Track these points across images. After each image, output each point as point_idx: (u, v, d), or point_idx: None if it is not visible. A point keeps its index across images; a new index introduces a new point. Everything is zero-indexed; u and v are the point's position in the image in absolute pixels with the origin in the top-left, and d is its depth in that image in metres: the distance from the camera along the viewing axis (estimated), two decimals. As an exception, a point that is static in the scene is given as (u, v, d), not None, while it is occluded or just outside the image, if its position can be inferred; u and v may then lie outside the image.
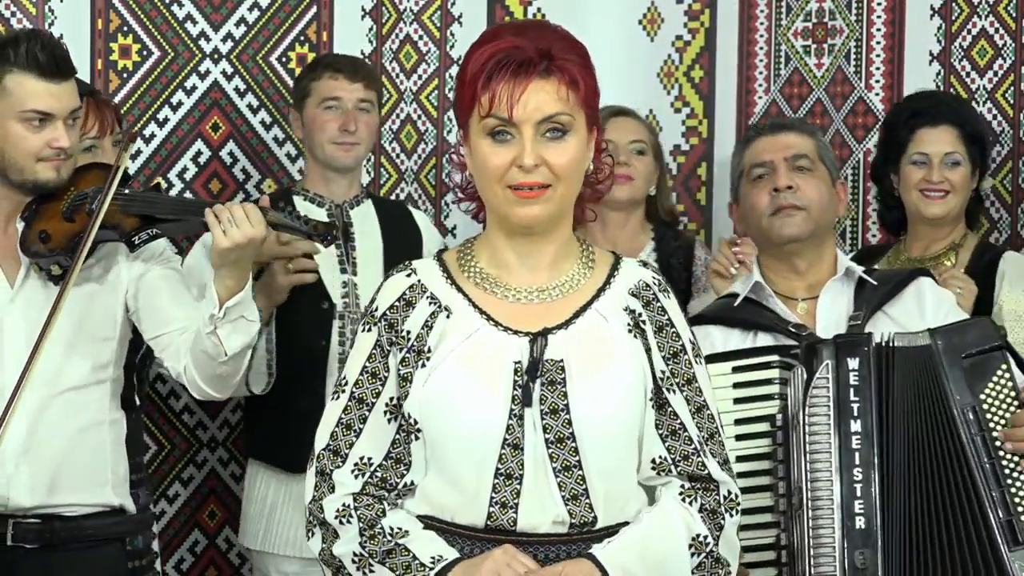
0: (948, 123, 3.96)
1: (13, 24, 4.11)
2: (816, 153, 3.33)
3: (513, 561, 2.41)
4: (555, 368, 2.46)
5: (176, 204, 3.35)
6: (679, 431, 2.50)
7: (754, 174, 3.32)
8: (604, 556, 2.42)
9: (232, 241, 3.08)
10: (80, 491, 3.23)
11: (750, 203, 3.32)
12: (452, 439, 2.46)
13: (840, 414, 2.97)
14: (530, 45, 2.44)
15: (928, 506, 2.95)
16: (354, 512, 2.51)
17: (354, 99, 4.00)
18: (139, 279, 3.27)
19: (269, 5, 4.33)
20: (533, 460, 2.44)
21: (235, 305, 3.11)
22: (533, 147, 2.43)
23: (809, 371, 2.99)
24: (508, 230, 2.51)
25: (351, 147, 4.00)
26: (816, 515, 2.94)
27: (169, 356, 3.25)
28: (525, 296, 2.52)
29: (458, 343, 2.48)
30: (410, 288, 2.54)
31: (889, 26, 4.50)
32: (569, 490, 2.45)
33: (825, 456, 2.96)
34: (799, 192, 3.26)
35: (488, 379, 2.46)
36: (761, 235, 3.31)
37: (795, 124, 3.44)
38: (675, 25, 4.64)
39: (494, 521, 2.44)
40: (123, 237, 3.20)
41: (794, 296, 3.28)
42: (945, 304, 3.27)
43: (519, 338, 2.48)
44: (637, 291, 2.54)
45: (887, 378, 3.00)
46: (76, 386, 3.21)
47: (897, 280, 3.28)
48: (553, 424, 2.44)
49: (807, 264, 3.29)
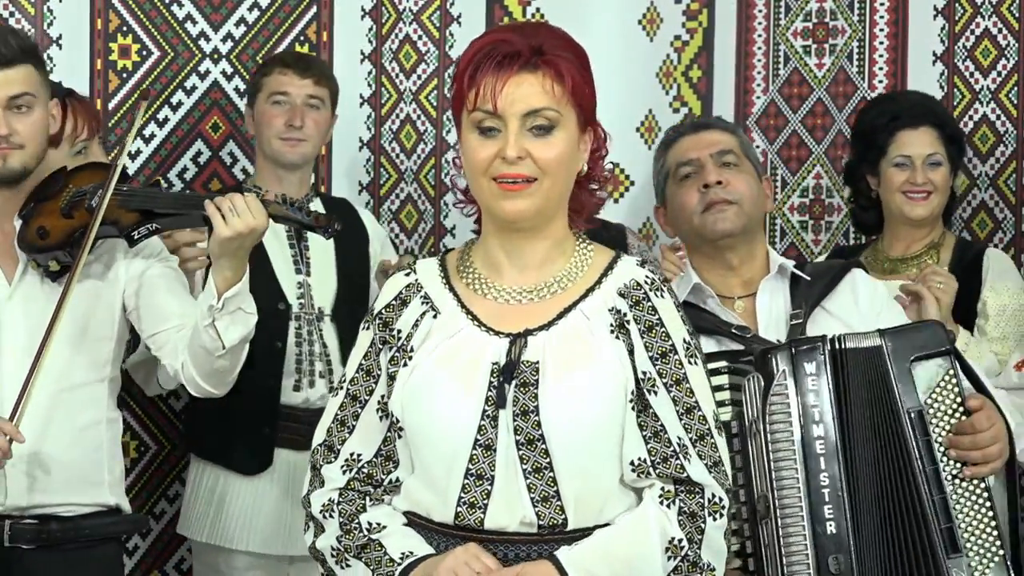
0: (928, 124, 3.97)
1: (12, 24, 4.11)
2: (741, 149, 3.30)
3: (472, 560, 2.41)
4: (530, 369, 2.46)
5: (175, 198, 3.35)
6: (660, 433, 2.48)
7: (681, 173, 3.28)
8: (566, 558, 2.42)
9: (234, 230, 3.07)
10: (77, 491, 3.23)
11: (679, 203, 3.27)
12: (427, 437, 2.47)
13: (803, 420, 2.94)
14: (520, 40, 2.45)
15: (887, 511, 2.93)
16: (336, 507, 2.53)
17: (303, 95, 3.99)
18: (138, 277, 3.27)
19: (269, 5, 4.34)
20: (505, 462, 2.44)
21: (233, 296, 3.12)
22: (517, 140, 2.43)
23: (767, 378, 2.96)
24: (498, 228, 2.51)
25: (297, 143, 3.98)
26: (785, 523, 2.91)
27: (167, 353, 3.25)
28: (514, 297, 2.52)
29: (440, 342, 2.49)
30: (407, 287, 2.56)
31: (892, 26, 4.49)
32: (539, 492, 2.44)
33: (790, 463, 2.92)
34: (729, 187, 3.22)
35: (465, 379, 2.46)
36: (693, 234, 3.27)
37: (716, 123, 3.43)
38: (674, 25, 4.63)
39: (461, 520, 2.45)
40: (122, 232, 3.21)
41: (731, 295, 3.25)
42: (879, 296, 3.25)
43: (500, 339, 2.49)
44: (626, 291, 2.52)
45: (843, 381, 2.97)
46: (75, 385, 3.22)
47: (832, 274, 3.25)
48: (523, 426, 2.44)
49: (740, 260, 3.25)
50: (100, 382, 3.27)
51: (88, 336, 3.23)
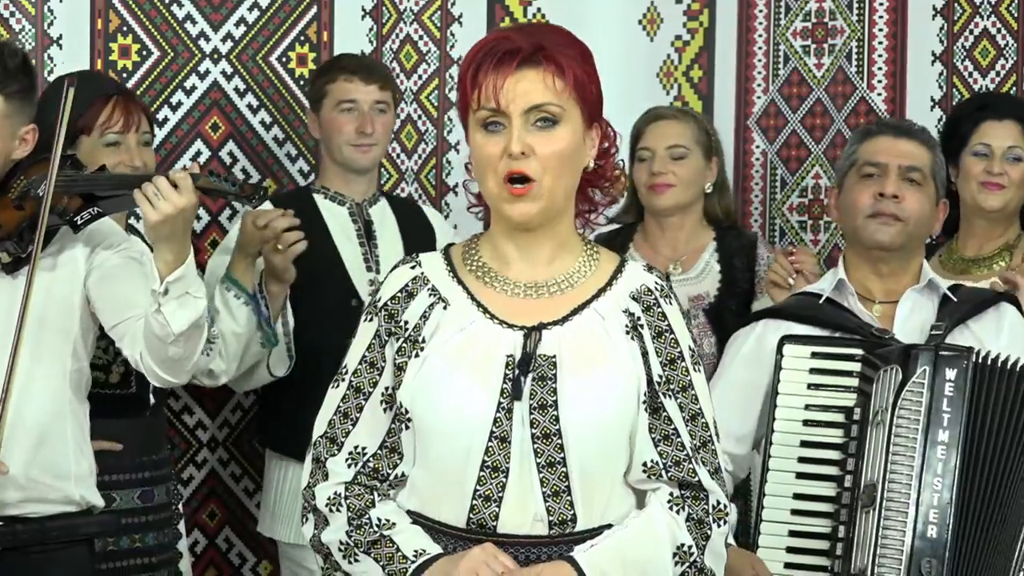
0: (1013, 119, 3.96)
1: (12, 24, 4.11)
2: (930, 168, 3.31)
3: (492, 560, 2.40)
4: (547, 363, 2.46)
5: (115, 179, 3.29)
6: (672, 436, 2.49)
7: (865, 171, 3.29)
8: (584, 560, 2.42)
9: (162, 213, 3.03)
10: (42, 487, 3.15)
11: (852, 198, 3.30)
12: (441, 430, 2.46)
13: (930, 422, 2.95)
14: (521, 38, 2.46)
15: (993, 533, 2.93)
16: (344, 501, 2.52)
17: (370, 100, 4.03)
18: (99, 268, 3.21)
19: (269, 5, 4.34)
20: (519, 454, 2.44)
21: (177, 280, 3.06)
22: (520, 135, 2.43)
23: (905, 373, 2.97)
24: (507, 225, 2.52)
25: (368, 148, 4.04)
26: (888, 515, 2.92)
27: (127, 344, 3.19)
28: (524, 290, 2.52)
29: (453, 334, 2.49)
30: (413, 280, 2.55)
31: (891, 26, 4.50)
32: (551, 486, 2.44)
33: (907, 460, 2.94)
34: (903, 203, 3.24)
35: (479, 371, 2.46)
36: (853, 232, 3.31)
37: (918, 133, 3.38)
38: (674, 25, 4.64)
39: (476, 514, 2.45)
40: (65, 218, 3.16)
41: (871, 298, 3.28)
42: (1023, 333, 3.27)
43: (514, 332, 2.48)
44: (638, 295, 2.53)
45: (980, 396, 2.98)
46: (36, 379, 3.13)
47: (982, 299, 3.29)
48: (540, 419, 2.44)
49: (890, 270, 3.29)
50: (62, 375, 3.21)
51: (46, 329, 3.18)
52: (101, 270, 3.21)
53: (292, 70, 4.33)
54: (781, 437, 3.11)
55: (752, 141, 4.62)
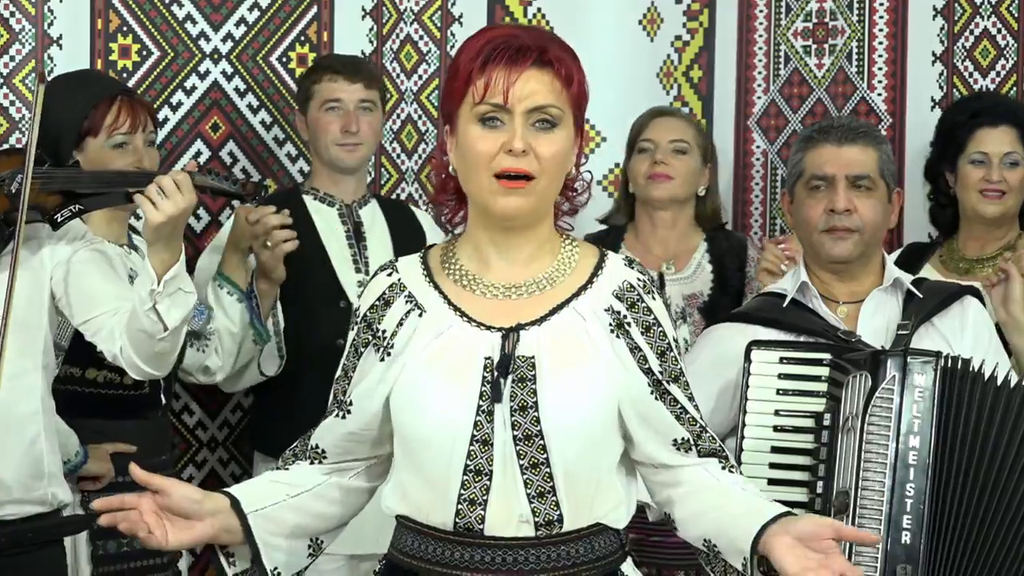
0: (1008, 124, 3.96)
1: (12, 24, 4.11)
2: (878, 170, 3.27)
3: None
4: (526, 364, 2.46)
5: (97, 177, 3.30)
6: (682, 416, 2.53)
7: (812, 184, 3.27)
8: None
9: (166, 214, 3.05)
10: (20, 487, 3.16)
11: (804, 214, 3.28)
12: (423, 437, 2.47)
13: (900, 428, 2.95)
14: (530, 38, 2.46)
15: (971, 537, 2.93)
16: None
17: (355, 100, 4.02)
18: (65, 263, 3.21)
19: (269, 5, 4.34)
20: (502, 457, 2.45)
21: (172, 278, 3.08)
22: (523, 133, 2.43)
23: (875, 380, 2.97)
24: (488, 224, 2.51)
25: (354, 148, 4.03)
26: (862, 522, 2.91)
27: (103, 339, 3.19)
28: (502, 292, 2.52)
29: (430, 340, 2.49)
30: (390, 288, 2.55)
31: (891, 26, 4.50)
32: (536, 487, 2.45)
33: (879, 466, 2.93)
34: (855, 214, 3.22)
35: (458, 374, 2.46)
36: (809, 246, 3.29)
37: (860, 135, 3.31)
38: (674, 25, 4.64)
39: (462, 518, 2.45)
40: (45, 216, 3.16)
41: (835, 299, 3.27)
42: (986, 329, 3.27)
43: (491, 333, 2.48)
44: (621, 292, 2.52)
45: (951, 399, 2.98)
46: (11, 375, 3.08)
47: (946, 294, 3.27)
48: (521, 421, 2.44)
49: (851, 274, 3.28)
50: (35, 371, 3.21)
51: (18, 324, 3.16)
52: (68, 264, 3.21)
53: (292, 70, 4.33)
54: (752, 443, 3.10)
55: (752, 141, 4.62)
